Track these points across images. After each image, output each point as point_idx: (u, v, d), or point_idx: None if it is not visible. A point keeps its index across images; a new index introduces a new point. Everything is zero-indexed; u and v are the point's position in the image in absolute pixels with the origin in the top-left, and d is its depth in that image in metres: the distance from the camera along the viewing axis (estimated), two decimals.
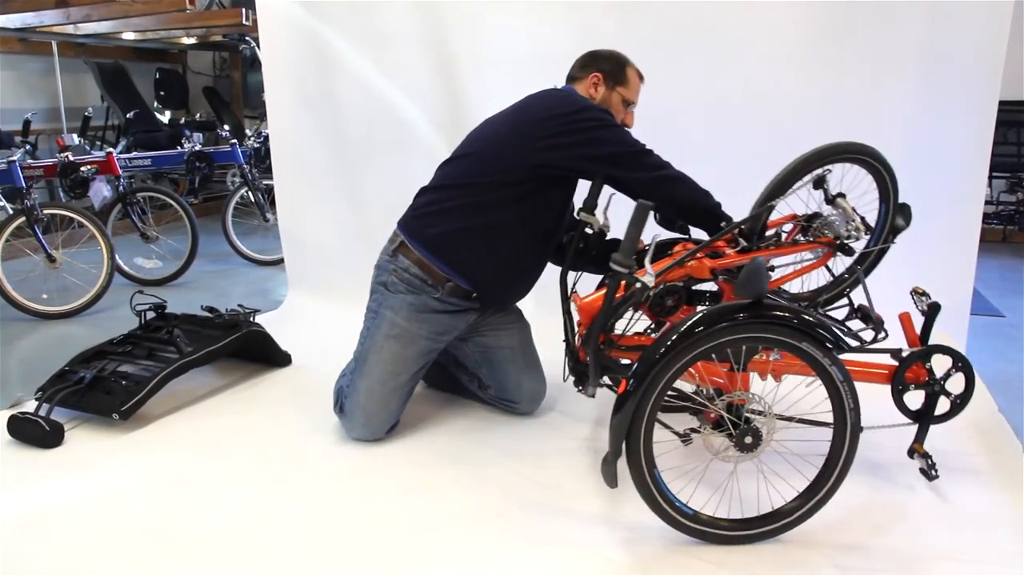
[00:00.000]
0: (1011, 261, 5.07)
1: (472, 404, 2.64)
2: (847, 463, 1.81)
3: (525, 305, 3.34)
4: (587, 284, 2.29)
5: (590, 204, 2.20)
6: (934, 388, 2.08)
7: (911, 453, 2.10)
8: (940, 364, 2.10)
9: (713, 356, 1.74)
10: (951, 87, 2.91)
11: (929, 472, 2.03)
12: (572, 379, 2.24)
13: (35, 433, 2.33)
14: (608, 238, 2.31)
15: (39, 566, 1.76)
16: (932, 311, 2.08)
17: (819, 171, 2.16)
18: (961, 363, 2.10)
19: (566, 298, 2.25)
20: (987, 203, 4.89)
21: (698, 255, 2.09)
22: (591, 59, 2.41)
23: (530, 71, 3.32)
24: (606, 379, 2.16)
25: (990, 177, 5.09)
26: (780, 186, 2.14)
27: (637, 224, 1.80)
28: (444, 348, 2.48)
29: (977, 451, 2.23)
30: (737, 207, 2.31)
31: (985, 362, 2.96)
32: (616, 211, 2.21)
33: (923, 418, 2.09)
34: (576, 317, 2.23)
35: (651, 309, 2.09)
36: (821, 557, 1.78)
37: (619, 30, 3.19)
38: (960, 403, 2.10)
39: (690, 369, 1.74)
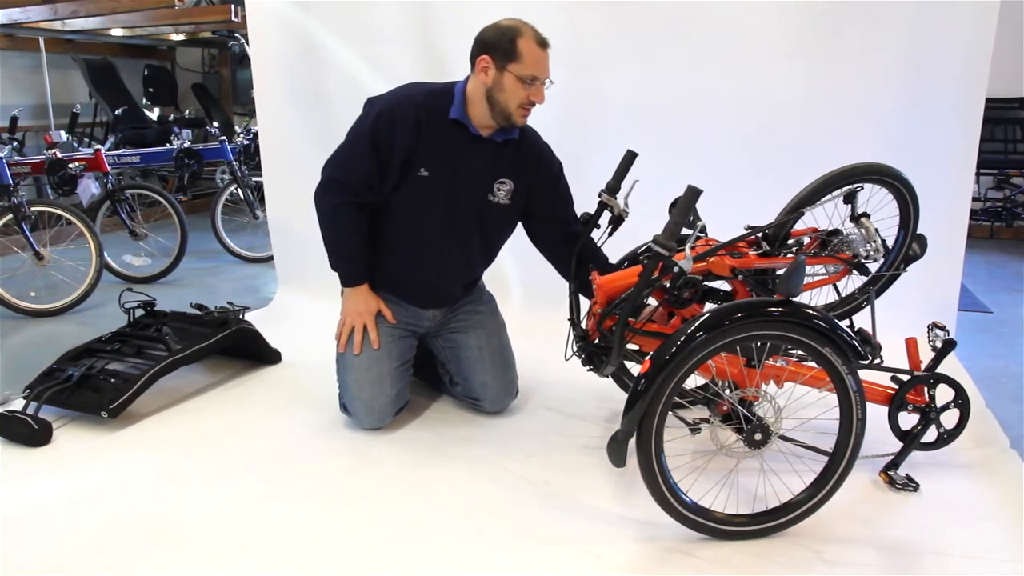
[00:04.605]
0: (998, 257, 5.10)
1: (461, 402, 2.63)
2: (843, 477, 1.83)
3: (511, 300, 3.34)
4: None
5: (612, 186, 2.20)
6: (930, 415, 2.11)
7: (887, 474, 2.11)
8: (942, 395, 2.13)
9: (737, 348, 1.75)
10: (938, 85, 2.93)
11: (909, 486, 2.05)
12: (565, 371, 2.24)
13: (23, 431, 2.31)
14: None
15: (27, 564, 1.75)
16: (946, 347, 2.11)
17: (851, 187, 2.17)
18: (962, 400, 2.13)
19: (574, 278, 2.25)
20: (974, 200, 4.91)
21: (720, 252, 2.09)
22: (476, 43, 2.25)
23: None
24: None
25: (977, 174, 5.12)
26: (811, 196, 2.15)
27: (684, 209, 1.80)
28: (423, 342, 2.55)
29: (965, 446, 2.24)
30: (722, 205, 2.33)
31: (972, 358, 2.98)
32: (639, 198, 2.20)
33: (911, 440, 2.11)
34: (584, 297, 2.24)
35: (668, 299, 2.10)
36: (809, 552, 1.79)
37: (608, 27, 3.20)
38: (947, 438, 2.13)
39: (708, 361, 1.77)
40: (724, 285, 2.21)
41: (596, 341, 2.18)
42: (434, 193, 2.31)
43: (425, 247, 2.38)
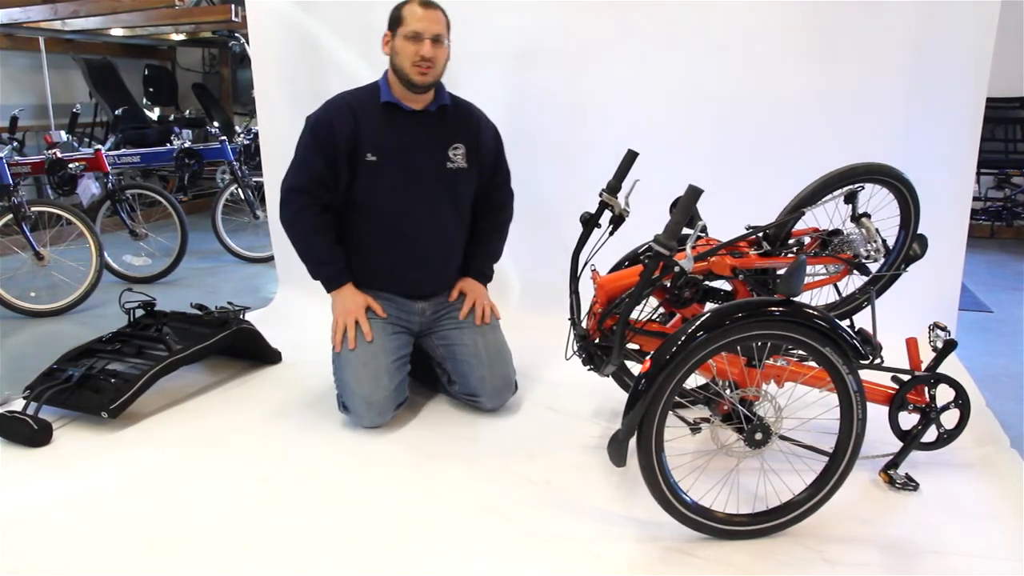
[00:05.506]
0: (999, 257, 5.10)
1: (460, 401, 2.63)
2: (843, 476, 1.82)
3: (510, 300, 3.35)
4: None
5: (613, 185, 2.21)
6: (930, 415, 2.10)
7: (887, 474, 2.11)
8: (943, 395, 2.13)
9: (738, 348, 1.75)
10: (939, 84, 2.92)
11: (909, 485, 2.05)
12: (565, 370, 2.24)
13: (23, 432, 2.31)
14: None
15: (27, 565, 1.75)
16: (947, 347, 2.10)
17: (852, 187, 2.17)
18: (962, 400, 2.13)
19: (575, 277, 2.25)
20: (975, 199, 4.92)
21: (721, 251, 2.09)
22: None
23: (520, 66, 3.35)
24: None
25: (978, 174, 5.12)
26: (812, 196, 2.15)
27: (684, 208, 1.80)
28: (418, 342, 2.59)
29: (965, 446, 2.23)
30: (723, 205, 2.32)
31: (973, 357, 2.98)
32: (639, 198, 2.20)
33: (910, 440, 2.11)
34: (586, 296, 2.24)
35: (669, 298, 2.10)
36: (809, 551, 1.79)
37: (608, 25, 3.20)
38: (947, 438, 2.13)
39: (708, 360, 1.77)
40: (725, 285, 2.21)
41: (596, 340, 2.18)
42: (388, 174, 2.42)
43: (399, 228, 2.46)
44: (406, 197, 2.45)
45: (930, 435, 2.13)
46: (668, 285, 1.94)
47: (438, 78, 2.43)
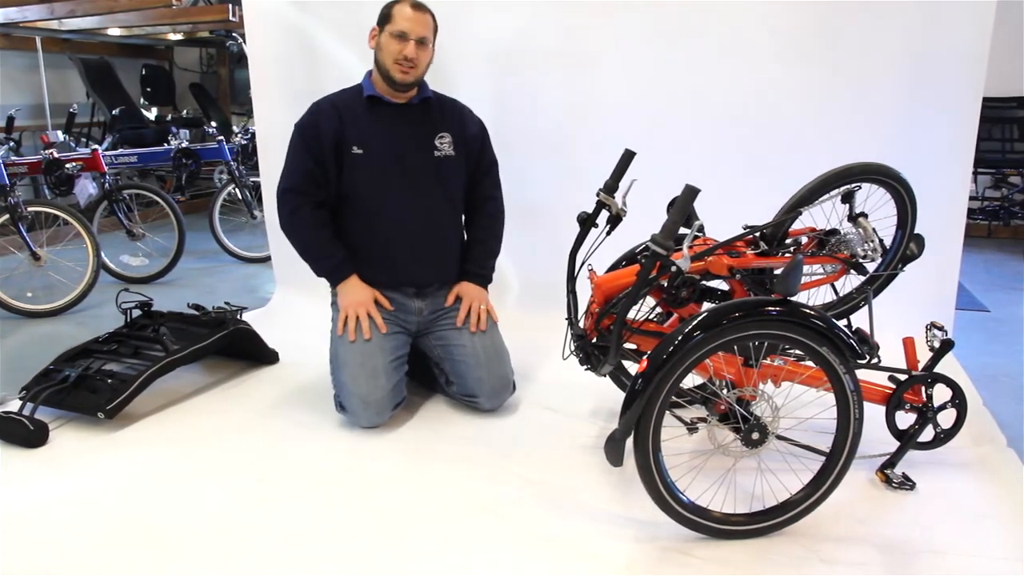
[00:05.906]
0: (996, 256, 5.11)
1: (458, 402, 2.63)
2: (840, 476, 1.83)
3: (508, 300, 3.34)
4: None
5: (610, 185, 2.22)
6: (927, 415, 2.11)
7: (884, 473, 2.11)
8: (940, 394, 2.13)
9: (735, 348, 1.75)
10: (935, 84, 2.92)
11: (906, 484, 2.06)
12: (563, 370, 2.24)
13: (19, 432, 2.30)
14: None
15: (25, 566, 1.74)
16: (944, 347, 2.10)
17: (849, 186, 2.17)
18: (959, 400, 2.13)
19: (572, 277, 2.26)
20: (972, 199, 4.92)
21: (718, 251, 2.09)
22: None
23: (517, 65, 3.34)
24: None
25: (975, 173, 5.12)
26: (809, 195, 2.15)
27: (681, 207, 1.80)
28: (415, 343, 2.60)
29: (962, 444, 2.24)
30: (720, 204, 2.32)
31: (970, 356, 2.98)
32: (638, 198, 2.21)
33: (907, 439, 2.11)
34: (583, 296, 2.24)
35: (665, 298, 2.10)
36: (806, 551, 1.79)
37: (608, 25, 3.20)
38: (944, 437, 2.14)
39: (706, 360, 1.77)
40: (722, 284, 2.21)
41: (594, 340, 2.18)
42: (376, 166, 2.47)
43: (390, 218, 2.49)
44: (395, 187, 2.48)
45: (927, 434, 2.13)
46: (665, 285, 1.94)
47: (419, 79, 2.48)
